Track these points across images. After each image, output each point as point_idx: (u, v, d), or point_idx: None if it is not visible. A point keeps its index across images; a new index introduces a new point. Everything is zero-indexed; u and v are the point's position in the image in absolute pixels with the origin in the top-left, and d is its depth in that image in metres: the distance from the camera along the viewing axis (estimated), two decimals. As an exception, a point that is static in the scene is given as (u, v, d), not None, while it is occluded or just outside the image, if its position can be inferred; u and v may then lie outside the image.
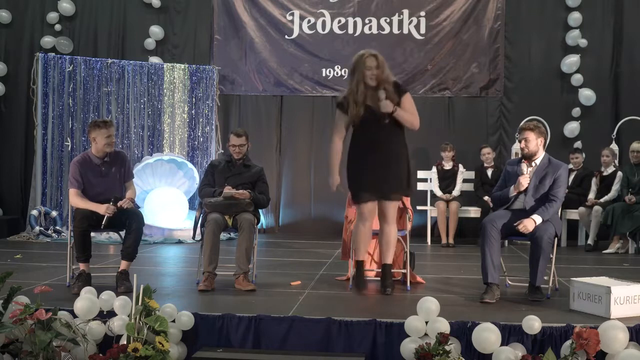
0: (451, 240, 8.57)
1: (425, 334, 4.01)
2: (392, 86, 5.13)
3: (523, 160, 5.16)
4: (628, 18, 9.36)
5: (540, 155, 5.12)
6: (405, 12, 9.70)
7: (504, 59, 9.56)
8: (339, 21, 9.78)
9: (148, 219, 7.05)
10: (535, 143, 5.07)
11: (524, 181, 5.02)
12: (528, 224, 4.89)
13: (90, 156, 5.38)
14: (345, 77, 9.67)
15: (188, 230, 8.28)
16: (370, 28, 9.74)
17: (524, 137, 5.06)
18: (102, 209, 5.14)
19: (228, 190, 5.38)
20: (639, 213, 7.80)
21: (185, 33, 9.99)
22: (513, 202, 5.11)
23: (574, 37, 9.29)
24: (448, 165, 8.99)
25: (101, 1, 9.93)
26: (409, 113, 5.17)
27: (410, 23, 9.69)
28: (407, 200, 5.73)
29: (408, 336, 4.03)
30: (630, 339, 3.85)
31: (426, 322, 4.04)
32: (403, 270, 5.56)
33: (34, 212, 8.69)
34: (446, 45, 9.63)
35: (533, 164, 5.11)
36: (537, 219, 4.91)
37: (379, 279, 5.79)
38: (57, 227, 8.67)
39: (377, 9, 9.74)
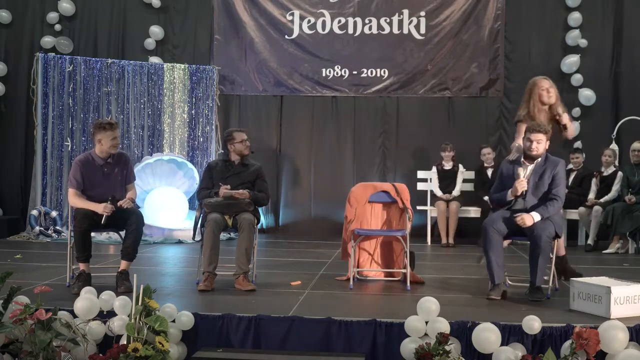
0: (451, 240, 8.57)
1: (425, 334, 4.01)
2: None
3: (522, 160, 5.17)
4: (628, 18, 9.36)
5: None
6: (405, 12, 9.70)
7: (504, 59, 9.57)
8: (339, 21, 9.78)
9: (148, 219, 7.05)
10: (544, 146, 5.13)
11: (520, 187, 5.02)
12: (526, 219, 4.92)
13: (93, 156, 5.38)
14: (345, 77, 9.73)
15: (188, 230, 8.28)
16: (370, 28, 9.74)
17: (538, 139, 5.08)
18: (100, 208, 5.14)
19: (225, 189, 5.37)
20: (639, 213, 7.80)
21: (185, 33, 10.00)
22: (514, 203, 5.12)
23: (574, 37, 9.29)
24: (448, 165, 8.99)
25: (101, 1, 9.93)
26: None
27: (410, 23, 9.70)
28: (407, 201, 5.75)
29: (408, 336, 4.03)
30: (630, 339, 3.85)
31: (426, 322, 4.04)
32: (403, 270, 5.56)
33: (34, 212, 8.69)
34: (446, 45, 9.63)
35: (529, 168, 5.13)
36: (536, 216, 4.94)
37: (379, 279, 5.81)
38: (57, 227, 8.67)
39: (377, 9, 9.75)
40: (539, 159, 5.13)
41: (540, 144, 5.10)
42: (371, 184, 6.04)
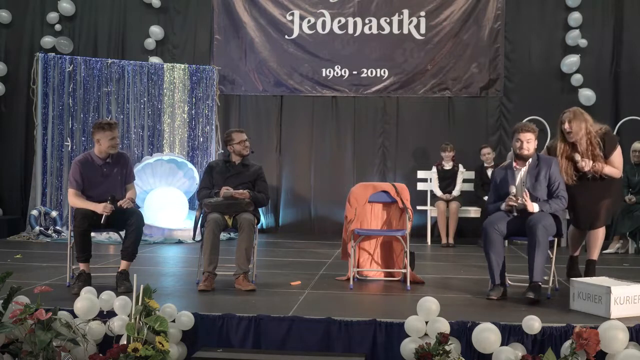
0: (451, 240, 8.57)
1: (425, 334, 4.02)
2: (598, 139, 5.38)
3: (515, 165, 5.16)
4: (628, 18, 9.37)
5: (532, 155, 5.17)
6: (405, 12, 9.71)
7: (504, 59, 9.57)
8: (339, 21, 9.79)
9: (148, 219, 7.05)
10: (534, 145, 5.15)
11: (512, 202, 5.01)
12: (527, 205, 4.94)
13: (92, 156, 5.38)
14: (345, 77, 9.75)
15: (188, 230, 8.29)
16: (370, 28, 9.74)
17: (527, 138, 5.08)
18: (100, 208, 5.14)
19: (226, 190, 5.38)
20: (639, 213, 7.80)
21: (185, 33, 10.00)
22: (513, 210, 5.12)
23: (574, 37, 9.30)
24: (448, 165, 8.99)
25: (101, 1, 9.94)
26: (608, 168, 5.38)
27: (410, 23, 9.70)
28: (407, 200, 5.75)
29: (408, 336, 4.03)
30: (630, 339, 3.85)
31: (426, 322, 4.04)
32: (403, 270, 5.56)
33: (34, 212, 8.69)
34: (446, 45, 9.63)
35: (523, 170, 5.12)
36: (536, 207, 4.96)
37: (379, 279, 5.82)
38: (57, 227, 8.67)
39: (377, 9, 9.75)
40: (531, 160, 5.14)
41: (530, 143, 5.10)
42: (371, 184, 6.04)
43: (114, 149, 5.37)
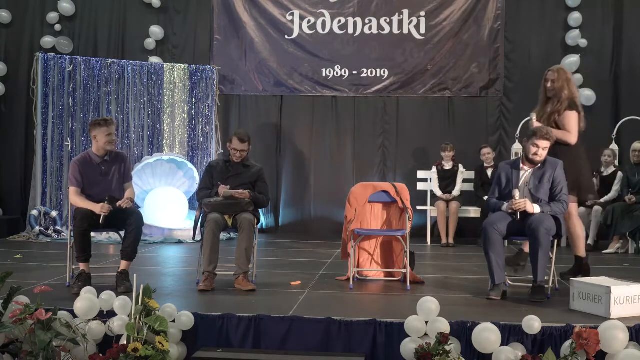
0: (451, 240, 8.57)
1: (425, 334, 4.02)
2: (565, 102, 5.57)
3: (521, 165, 5.15)
4: (628, 18, 9.36)
5: None
6: (405, 12, 9.71)
7: (504, 59, 9.57)
8: (339, 21, 9.78)
9: (148, 219, 7.06)
10: (546, 153, 5.12)
11: (516, 207, 4.99)
12: (527, 205, 4.92)
13: (90, 155, 5.39)
14: (345, 77, 9.75)
15: (188, 230, 8.28)
16: (370, 28, 9.74)
17: (544, 146, 5.06)
18: (98, 208, 5.14)
19: (226, 190, 5.37)
20: (639, 213, 7.80)
21: (185, 33, 10.00)
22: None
23: (574, 37, 9.30)
24: (448, 165, 8.99)
25: (101, 1, 9.94)
26: (561, 131, 5.48)
27: (410, 23, 9.70)
28: (407, 200, 5.75)
29: (408, 336, 4.03)
30: (630, 339, 3.85)
31: (426, 322, 4.04)
32: (403, 270, 5.56)
33: (34, 212, 8.69)
34: (446, 45, 9.63)
35: (528, 172, 5.12)
36: (537, 208, 4.95)
37: (379, 279, 5.82)
38: (57, 227, 8.67)
39: (377, 9, 9.75)
40: None
41: (545, 151, 5.09)
42: (371, 184, 6.04)
43: (111, 145, 5.37)
